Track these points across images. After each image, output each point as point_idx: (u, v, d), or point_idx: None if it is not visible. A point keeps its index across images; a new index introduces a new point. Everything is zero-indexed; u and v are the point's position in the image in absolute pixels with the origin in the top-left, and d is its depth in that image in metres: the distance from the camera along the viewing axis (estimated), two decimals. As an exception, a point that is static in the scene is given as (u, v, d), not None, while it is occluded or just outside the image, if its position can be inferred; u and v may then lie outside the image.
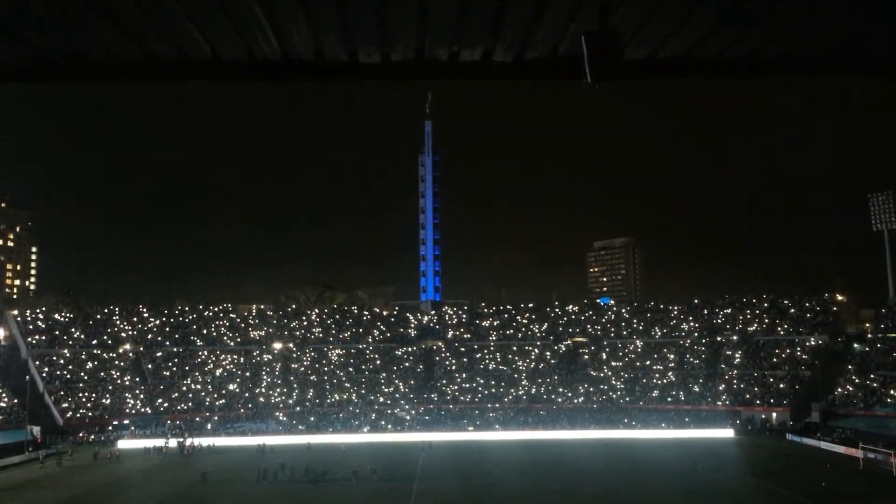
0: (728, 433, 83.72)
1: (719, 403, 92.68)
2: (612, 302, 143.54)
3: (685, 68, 9.46)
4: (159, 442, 77.70)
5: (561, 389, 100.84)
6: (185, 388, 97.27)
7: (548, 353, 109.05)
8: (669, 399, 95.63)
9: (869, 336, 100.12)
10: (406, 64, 9.31)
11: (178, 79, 9.63)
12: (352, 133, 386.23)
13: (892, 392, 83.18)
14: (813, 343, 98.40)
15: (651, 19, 8.38)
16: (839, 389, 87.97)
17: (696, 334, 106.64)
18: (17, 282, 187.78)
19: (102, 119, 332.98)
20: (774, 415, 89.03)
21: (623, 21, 8.35)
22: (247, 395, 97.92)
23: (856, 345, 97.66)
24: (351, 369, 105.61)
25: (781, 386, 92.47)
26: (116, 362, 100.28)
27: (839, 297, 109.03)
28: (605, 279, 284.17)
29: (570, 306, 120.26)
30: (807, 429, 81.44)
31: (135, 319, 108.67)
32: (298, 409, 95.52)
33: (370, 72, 9.43)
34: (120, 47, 8.76)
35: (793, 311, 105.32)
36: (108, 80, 9.77)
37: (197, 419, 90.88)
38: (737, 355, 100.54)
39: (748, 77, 10.45)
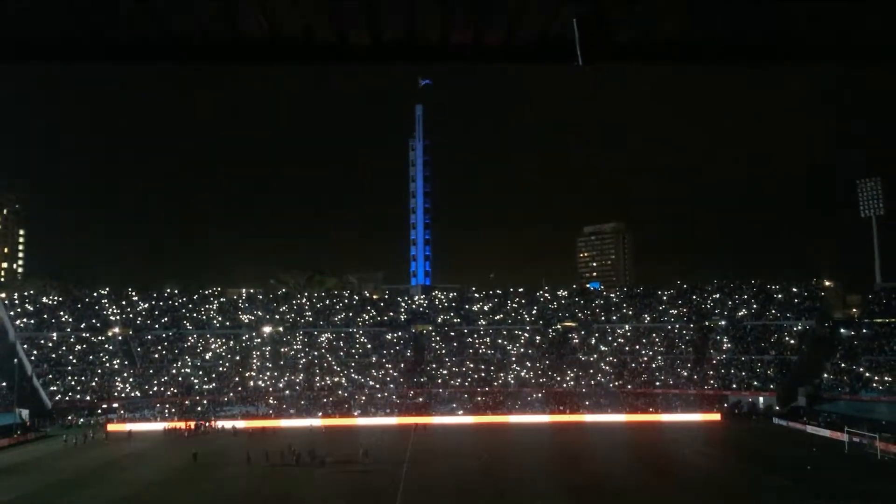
0: (715, 417, 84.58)
1: (707, 388, 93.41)
2: (602, 287, 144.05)
3: (675, 53, 9.46)
4: (177, 424, 79.45)
5: (550, 373, 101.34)
6: (174, 372, 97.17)
7: (537, 338, 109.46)
8: (658, 383, 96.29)
9: (856, 321, 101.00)
10: (396, 46, 9.27)
11: (164, 59, 9.55)
12: (341, 115, 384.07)
13: (877, 377, 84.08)
14: (800, 328, 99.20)
15: (642, 3, 8.36)
16: (826, 374, 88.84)
17: (684, 319, 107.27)
18: (5, 265, 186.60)
19: (90, 99, 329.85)
20: (761, 399, 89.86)
21: (614, 4, 8.32)
22: (237, 378, 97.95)
23: (843, 330, 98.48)
24: (341, 353, 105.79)
25: (769, 371, 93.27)
26: (105, 345, 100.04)
27: (827, 283, 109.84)
28: (594, 264, 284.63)
29: (560, 291, 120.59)
30: (793, 413, 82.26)
31: (123, 303, 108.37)
32: (288, 392, 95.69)
33: (360, 54, 9.38)
34: (105, 26, 8.67)
35: (780, 296, 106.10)
36: (93, 60, 9.67)
37: (186, 402, 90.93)
38: (725, 340, 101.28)
39: (738, 62, 10.47)
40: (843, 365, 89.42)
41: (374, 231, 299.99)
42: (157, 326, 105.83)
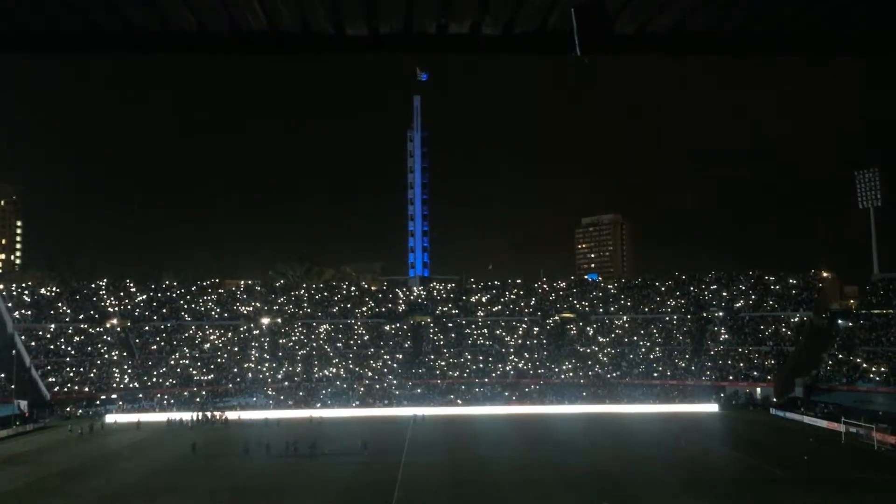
0: (713, 408, 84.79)
1: (704, 378, 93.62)
2: (600, 278, 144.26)
3: (673, 44, 9.44)
4: (185, 415, 78.67)
5: (548, 364, 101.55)
6: (172, 363, 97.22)
7: (535, 329, 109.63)
8: (655, 374, 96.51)
9: (853, 312, 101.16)
10: (394, 36, 9.24)
11: (161, 50, 9.52)
12: (341, 107, 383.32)
13: (874, 368, 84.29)
14: (797, 319, 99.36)
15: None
16: (823, 365, 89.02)
17: (682, 310, 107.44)
18: (2, 256, 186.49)
19: (89, 89, 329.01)
20: (759, 390, 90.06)
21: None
22: (235, 369, 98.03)
23: (840, 321, 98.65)
24: (339, 344, 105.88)
25: (766, 362, 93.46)
26: (104, 337, 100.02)
27: (824, 274, 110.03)
28: (592, 255, 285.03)
29: (558, 282, 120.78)
30: (790, 404, 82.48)
31: (121, 294, 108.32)
32: (286, 383, 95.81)
33: (357, 44, 9.36)
34: (101, 17, 8.63)
35: (778, 287, 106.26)
36: (90, 51, 9.63)
37: (185, 394, 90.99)
38: (722, 331, 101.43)
39: (734, 54, 10.44)
40: (840, 356, 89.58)
41: (372, 222, 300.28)
42: (155, 318, 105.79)
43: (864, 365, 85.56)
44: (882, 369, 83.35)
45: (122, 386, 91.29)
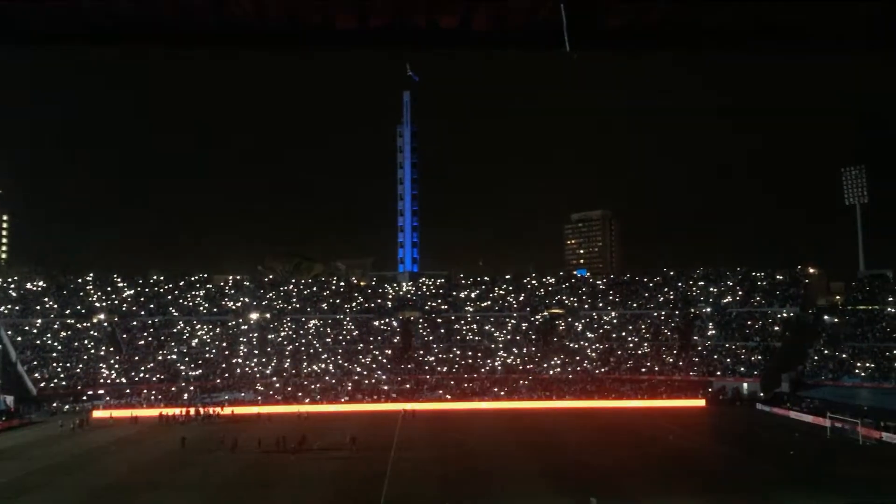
0: (700, 403, 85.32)
1: (692, 374, 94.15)
2: (589, 274, 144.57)
3: (662, 39, 9.48)
4: (175, 410, 78.46)
5: (537, 360, 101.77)
6: (160, 358, 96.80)
7: (524, 325, 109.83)
8: (644, 370, 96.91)
9: (839, 308, 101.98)
10: (383, 31, 9.25)
11: (147, 43, 9.48)
12: (330, 102, 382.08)
13: (859, 363, 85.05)
14: (784, 315, 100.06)
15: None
16: (809, 360, 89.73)
17: (670, 306, 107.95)
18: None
19: (76, 82, 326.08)
20: (745, 385, 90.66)
21: (601, -10, 8.32)
22: (223, 365, 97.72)
23: (826, 317, 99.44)
24: (328, 340, 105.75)
25: (753, 357, 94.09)
26: (90, 332, 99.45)
27: (810, 270, 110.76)
28: (581, 251, 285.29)
29: (547, 278, 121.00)
30: (776, 399, 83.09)
31: (108, 289, 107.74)
32: (275, 379, 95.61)
33: (346, 39, 9.35)
34: (89, 9, 8.58)
35: (765, 283, 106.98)
36: (76, 43, 9.58)
37: (172, 389, 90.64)
38: (710, 327, 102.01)
39: (723, 49, 10.51)
40: (826, 351, 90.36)
41: (361, 218, 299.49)
42: (142, 313, 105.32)
43: (850, 360, 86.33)
44: (867, 365, 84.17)
45: (108, 381, 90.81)
